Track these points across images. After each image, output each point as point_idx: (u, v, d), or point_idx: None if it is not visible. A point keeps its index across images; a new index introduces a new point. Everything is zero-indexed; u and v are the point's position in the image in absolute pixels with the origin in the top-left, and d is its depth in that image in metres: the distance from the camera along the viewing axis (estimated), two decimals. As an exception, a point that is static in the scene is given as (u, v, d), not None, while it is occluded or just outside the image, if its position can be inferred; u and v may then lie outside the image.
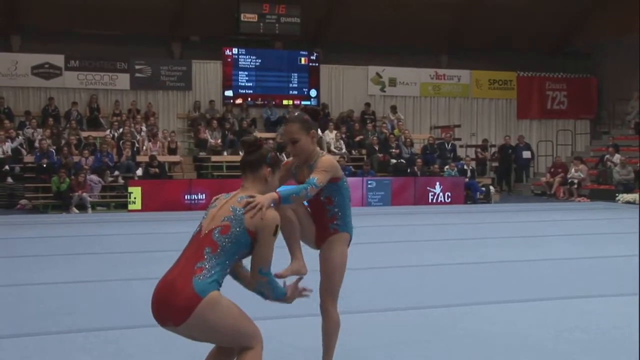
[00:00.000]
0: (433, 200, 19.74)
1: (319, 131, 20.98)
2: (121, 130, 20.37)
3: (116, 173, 18.85)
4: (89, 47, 22.33)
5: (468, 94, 25.86)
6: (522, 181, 24.74)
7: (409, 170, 20.96)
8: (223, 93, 23.18)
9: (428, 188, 19.78)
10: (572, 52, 26.89)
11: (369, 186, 19.25)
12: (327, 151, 19.49)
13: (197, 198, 17.79)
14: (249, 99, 23.42)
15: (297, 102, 23.40)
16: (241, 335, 3.49)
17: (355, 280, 7.23)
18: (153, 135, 20.60)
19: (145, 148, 20.20)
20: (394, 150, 21.81)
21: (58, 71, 21.81)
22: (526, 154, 24.44)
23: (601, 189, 21.51)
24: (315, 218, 4.29)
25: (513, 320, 6.06)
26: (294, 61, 23.79)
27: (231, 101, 23.13)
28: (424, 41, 25.01)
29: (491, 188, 21.24)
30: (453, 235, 12.59)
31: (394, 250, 10.54)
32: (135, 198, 17.43)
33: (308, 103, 23.56)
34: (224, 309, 3.41)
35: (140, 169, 19.23)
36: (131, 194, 17.49)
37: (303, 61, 23.86)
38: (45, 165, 18.35)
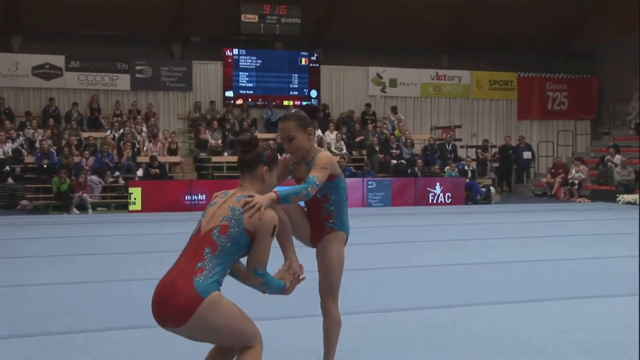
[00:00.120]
0: (433, 200, 19.73)
1: (319, 131, 20.83)
2: (122, 130, 20.38)
3: (117, 174, 18.86)
4: (90, 48, 22.34)
5: (469, 95, 25.87)
6: (523, 182, 24.72)
7: (410, 170, 20.95)
8: (223, 94, 23.18)
9: (428, 189, 19.77)
10: (572, 53, 26.90)
11: (370, 187, 19.25)
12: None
13: (198, 199, 17.79)
14: (250, 100, 23.41)
15: (298, 103, 23.38)
16: (241, 335, 3.49)
17: (355, 280, 7.24)
18: (153, 135, 20.61)
19: (145, 149, 20.20)
20: (395, 150, 21.81)
21: (58, 72, 21.82)
22: (527, 155, 24.44)
23: (602, 190, 21.49)
24: (310, 216, 4.25)
25: (514, 320, 6.05)
26: (295, 62, 23.79)
27: (232, 102, 23.13)
28: (424, 41, 25.02)
29: (492, 189, 21.23)
30: (453, 235, 12.58)
31: (395, 250, 10.52)
32: (135, 199, 17.43)
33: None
34: (225, 310, 3.41)
35: (140, 170, 19.24)
36: (131, 195, 17.49)
37: (303, 62, 23.86)
38: (45, 165, 18.36)
